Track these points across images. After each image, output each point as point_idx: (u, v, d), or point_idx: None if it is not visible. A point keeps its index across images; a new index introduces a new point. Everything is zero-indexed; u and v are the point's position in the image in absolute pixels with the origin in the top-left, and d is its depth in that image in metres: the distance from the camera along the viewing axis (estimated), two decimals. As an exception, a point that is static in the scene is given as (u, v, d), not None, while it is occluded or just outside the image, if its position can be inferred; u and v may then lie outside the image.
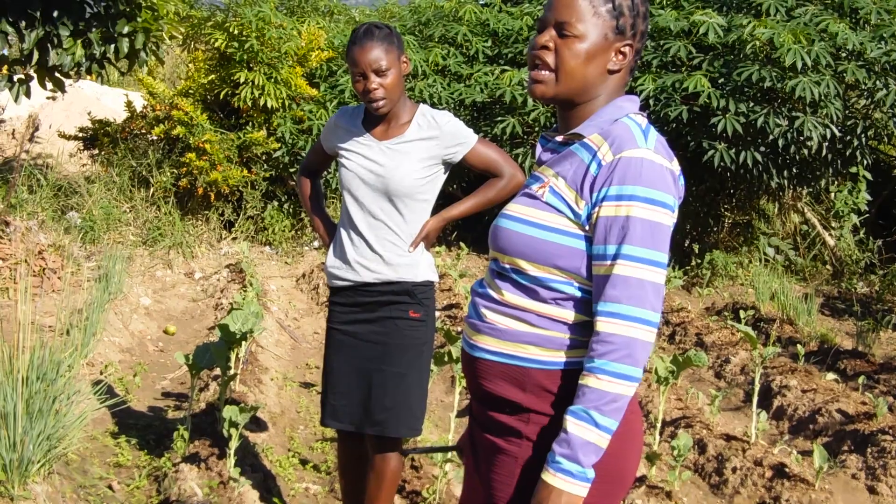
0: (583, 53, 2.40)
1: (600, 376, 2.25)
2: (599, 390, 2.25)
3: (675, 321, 9.00)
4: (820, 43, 9.92)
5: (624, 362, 2.25)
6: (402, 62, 3.94)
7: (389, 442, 4.05)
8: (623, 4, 2.40)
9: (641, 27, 2.43)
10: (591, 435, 2.25)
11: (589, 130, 2.40)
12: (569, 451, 2.26)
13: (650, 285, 2.27)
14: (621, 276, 2.26)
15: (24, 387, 4.43)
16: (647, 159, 2.29)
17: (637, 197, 2.27)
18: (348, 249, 4.00)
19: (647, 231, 2.27)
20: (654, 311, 2.27)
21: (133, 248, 10.17)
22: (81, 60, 8.16)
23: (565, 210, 2.36)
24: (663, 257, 2.30)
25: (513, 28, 11.94)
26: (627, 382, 2.25)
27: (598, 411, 2.25)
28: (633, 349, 2.25)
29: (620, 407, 2.27)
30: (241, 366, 6.56)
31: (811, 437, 6.47)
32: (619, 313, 2.25)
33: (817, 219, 12.37)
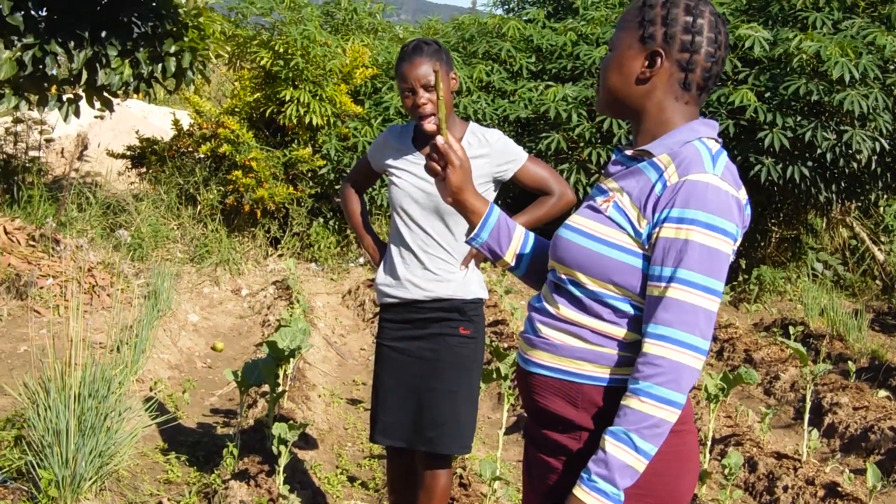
0: (610, 63, 2.48)
1: (644, 399, 2.24)
2: (641, 413, 2.23)
3: (723, 337, 8.94)
4: (867, 56, 9.84)
5: (669, 387, 2.23)
6: (451, 78, 3.94)
7: (439, 459, 4.04)
8: (656, 14, 2.41)
9: (683, 37, 2.39)
10: (628, 458, 2.24)
11: (658, 150, 2.39)
12: (605, 471, 2.24)
13: (703, 312, 2.25)
14: (674, 299, 2.25)
15: (77, 404, 4.47)
16: (713, 185, 2.27)
17: (698, 221, 2.25)
18: (399, 267, 4.01)
19: (705, 257, 2.25)
20: (703, 338, 2.25)
21: (181, 265, 10.24)
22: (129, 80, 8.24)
23: (627, 227, 2.35)
24: (719, 285, 2.27)
25: (556, 44, 11.93)
26: (670, 408, 2.24)
27: (638, 434, 2.23)
28: (680, 375, 2.24)
29: (662, 432, 2.25)
30: (288, 382, 6.58)
31: (863, 456, 6.39)
32: (669, 337, 2.24)
33: (866, 233, 12.25)
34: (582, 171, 10.64)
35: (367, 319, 9.49)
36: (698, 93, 2.44)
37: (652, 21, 2.41)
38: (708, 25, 2.40)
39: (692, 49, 2.39)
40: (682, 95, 2.43)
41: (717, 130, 2.45)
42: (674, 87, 2.43)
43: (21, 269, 7.91)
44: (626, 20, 2.47)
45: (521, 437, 6.52)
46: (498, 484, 5.02)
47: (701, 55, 2.40)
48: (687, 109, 2.44)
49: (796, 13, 10.94)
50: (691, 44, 2.39)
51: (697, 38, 2.39)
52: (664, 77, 2.42)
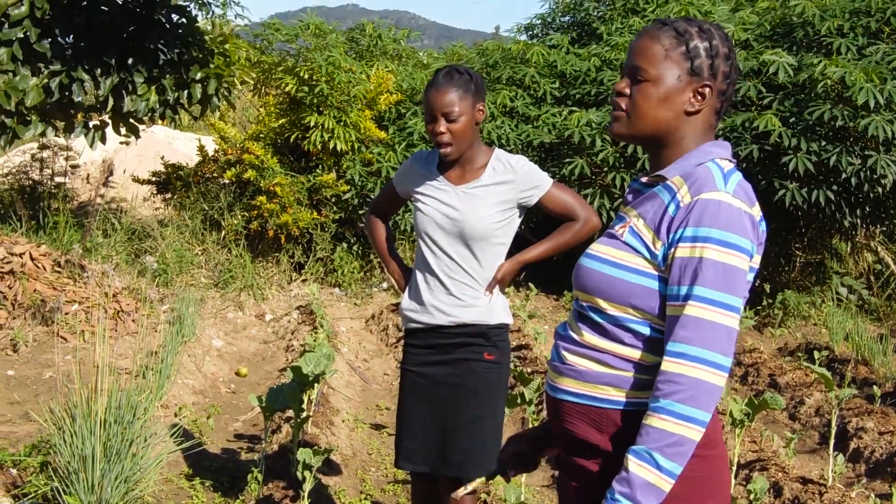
0: (654, 96, 2.44)
1: (664, 416, 2.24)
2: (663, 430, 2.24)
3: (747, 362, 8.90)
4: (892, 81, 9.81)
5: (689, 404, 2.23)
6: (478, 110, 3.94)
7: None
8: (699, 46, 2.42)
9: (724, 67, 2.42)
10: (651, 476, 2.24)
11: (672, 173, 2.42)
12: (628, 490, 2.25)
13: (721, 328, 2.25)
14: (692, 317, 2.25)
15: (102, 430, 4.49)
16: (725, 202, 2.29)
17: (712, 239, 2.26)
18: (424, 292, 4.02)
19: (721, 273, 2.26)
20: (723, 354, 2.25)
21: (205, 291, 10.28)
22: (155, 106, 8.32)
23: (642, 250, 2.38)
24: (736, 301, 2.28)
25: (580, 69, 11.95)
26: (692, 425, 2.23)
27: (660, 453, 2.23)
28: (699, 391, 2.23)
29: (685, 451, 2.25)
30: (313, 408, 6.59)
31: (889, 480, 6.34)
32: (688, 354, 2.24)
33: (891, 257, 12.19)
34: (605, 195, 10.64)
35: (391, 344, 9.49)
36: (717, 117, 2.49)
37: (696, 53, 2.42)
38: (729, 51, 2.45)
39: (730, 79, 2.44)
40: (714, 125, 2.47)
41: (730, 151, 2.47)
42: (712, 116, 2.47)
43: (47, 294, 7.96)
44: (662, 49, 2.43)
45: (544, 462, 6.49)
46: (522, 510, 5.01)
47: (732, 83, 2.45)
48: (703, 133, 2.47)
49: (821, 39, 10.93)
50: (730, 73, 2.44)
51: (732, 68, 2.44)
52: (710, 108, 2.46)
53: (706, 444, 2.38)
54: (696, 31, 2.43)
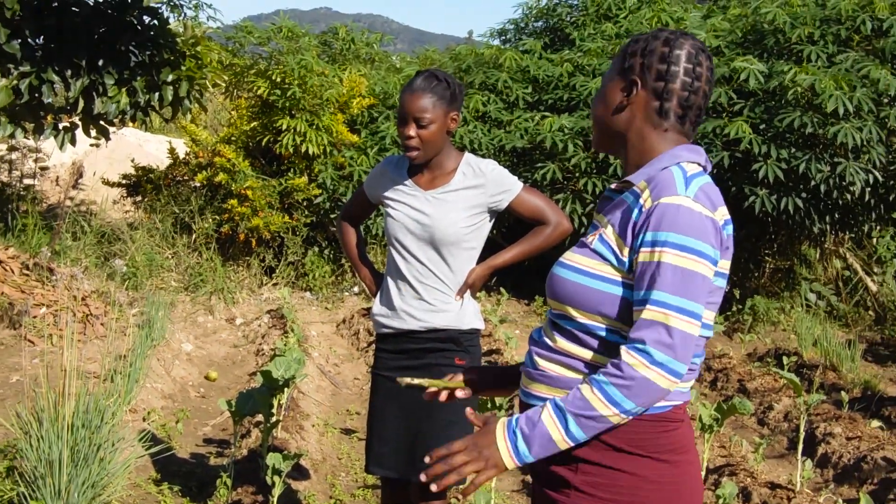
0: (596, 96, 2.61)
1: (595, 391, 2.27)
2: (588, 402, 2.27)
3: (717, 367, 8.93)
4: (862, 89, 9.88)
5: (625, 394, 2.25)
6: (451, 118, 3.93)
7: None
8: (637, 47, 2.52)
9: (658, 66, 2.47)
10: (556, 434, 2.29)
11: (638, 178, 2.45)
12: (529, 433, 2.32)
13: (677, 332, 2.26)
14: (649, 319, 2.27)
15: (70, 434, 4.45)
16: (685, 206, 2.30)
17: (669, 243, 2.28)
18: (395, 297, 4.01)
19: (678, 278, 2.27)
20: (676, 359, 2.26)
21: (175, 294, 10.23)
22: (126, 108, 8.27)
23: (610, 257, 2.40)
24: (695, 307, 2.29)
25: (553, 74, 11.97)
26: (618, 412, 2.26)
27: (575, 419, 2.28)
28: (642, 389, 2.25)
29: (598, 427, 2.29)
30: (282, 412, 6.57)
31: (856, 486, 6.38)
32: (644, 351, 2.25)
33: (859, 264, 12.27)
34: (578, 201, 10.66)
35: (362, 349, 9.48)
36: (678, 121, 2.50)
37: (633, 53, 2.52)
38: (686, 57, 2.47)
39: (667, 78, 2.47)
40: (659, 123, 2.50)
41: (703, 156, 2.49)
42: (651, 115, 2.50)
43: (14, 297, 7.90)
44: (615, 57, 2.58)
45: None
46: (492, 515, 5.01)
47: (676, 84, 2.47)
48: (668, 137, 2.50)
49: (791, 46, 11.00)
50: (666, 73, 2.47)
51: (673, 68, 2.47)
52: (641, 105, 2.51)
53: (677, 449, 2.40)
54: (650, 38, 2.52)
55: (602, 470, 2.38)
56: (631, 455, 2.37)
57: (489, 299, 11.22)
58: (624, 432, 2.36)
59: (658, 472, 2.37)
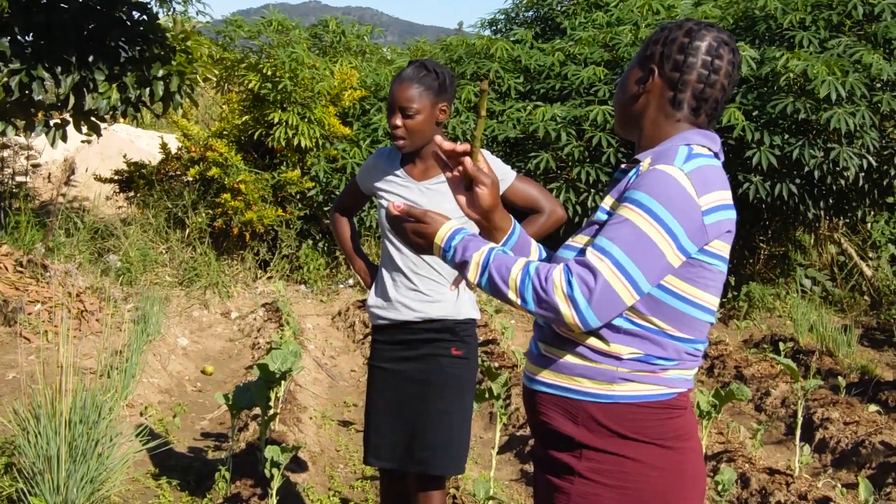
0: (621, 81, 2.61)
1: (518, 277, 2.31)
2: (508, 276, 2.32)
3: (713, 354, 8.94)
4: (854, 74, 9.88)
5: (533, 298, 2.28)
6: (440, 109, 3.90)
7: (433, 480, 4.02)
8: (660, 36, 2.52)
9: (676, 56, 2.46)
10: (471, 274, 2.41)
11: (645, 156, 2.43)
12: (456, 256, 2.43)
13: (603, 282, 2.24)
14: (584, 259, 2.27)
15: (67, 430, 4.44)
16: (672, 176, 2.30)
17: (641, 203, 2.28)
18: (390, 289, 4.00)
19: (633, 237, 2.26)
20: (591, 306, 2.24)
21: (170, 289, 10.22)
22: (117, 104, 8.24)
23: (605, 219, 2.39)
24: (635, 270, 2.26)
25: (544, 64, 11.96)
26: (516, 299, 2.31)
27: (489, 277, 2.36)
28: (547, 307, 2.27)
29: (498, 295, 2.36)
30: (280, 405, 6.56)
31: (855, 470, 6.39)
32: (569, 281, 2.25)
33: (854, 249, 12.28)
34: (571, 189, 10.66)
35: (358, 341, 9.47)
36: (692, 113, 2.48)
37: (655, 41, 2.51)
38: (706, 49, 2.46)
39: (683, 69, 2.45)
40: (672, 114, 2.48)
41: (717, 143, 2.49)
42: (664, 105, 2.49)
43: (9, 295, 7.88)
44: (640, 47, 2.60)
45: (513, 456, 6.50)
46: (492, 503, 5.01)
47: (692, 76, 2.45)
48: (680, 128, 2.49)
49: (783, 32, 10.98)
50: (683, 63, 2.45)
51: (691, 59, 2.45)
52: (656, 93, 2.50)
53: (680, 436, 2.40)
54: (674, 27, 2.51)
55: (606, 456, 2.37)
56: (635, 442, 2.37)
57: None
58: (628, 419, 2.36)
59: (662, 458, 2.37)
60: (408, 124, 3.85)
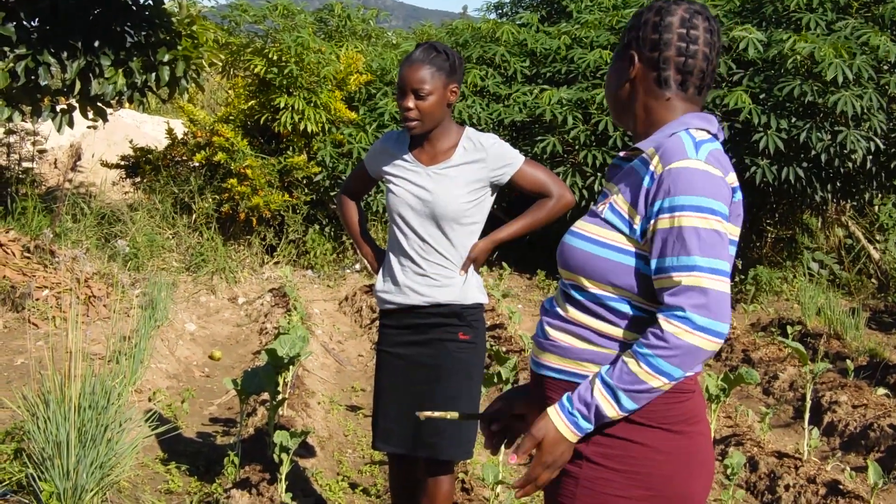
0: (608, 72, 2.64)
1: (642, 365, 2.27)
2: (636, 376, 2.27)
3: (720, 338, 8.92)
4: (861, 56, 9.84)
5: (672, 363, 2.25)
6: (450, 91, 3.90)
7: (442, 465, 4.03)
8: (633, 21, 2.54)
9: (651, 36, 2.47)
10: (611, 411, 2.31)
11: (647, 145, 2.44)
12: (586, 412, 2.33)
13: (712, 293, 2.25)
14: (681, 285, 2.26)
15: (77, 415, 4.45)
16: (698, 169, 2.31)
17: (687, 206, 2.28)
18: (398, 273, 4.00)
19: (703, 239, 2.27)
20: (717, 320, 2.25)
21: (177, 275, 10.22)
22: (123, 89, 8.24)
23: (622, 226, 2.39)
24: (722, 264, 2.28)
25: (550, 47, 11.94)
26: (665, 380, 2.27)
27: (626, 395, 2.29)
28: (687, 354, 2.25)
29: (649, 397, 2.31)
30: (288, 390, 6.57)
31: (863, 453, 6.39)
32: (685, 318, 2.24)
33: (861, 232, 12.26)
34: (578, 173, 10.65)
35: (365, 326, 9.47)
36: (680, 88, 2.49)
37: (630, 28, 2.53)
38: (679, 22, 2.47)
39: (661, 47, 2.46)
40: (661, 94, 2.50)
41: (714, 124, 2.49)
42: (651, 86, 2.50)
43: (16, 281, 7.89)
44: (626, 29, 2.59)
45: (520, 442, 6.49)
46: (500, 488, 5.01)
47: (671, 51, 2.46)
48: (673, 106, 2.50)
49: (790, 14, 10.94)
50: (659, 41, 2.46)
51: (665, 36, 2.46)
52: (641, 77, 2.51)
53: (688, 420, 2.40)
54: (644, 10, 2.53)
55: (614, 441, 2.37)
56: (643, 426, 2.36)
57: (491, 274, 11.21)
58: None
59: (670, 443, 2.37)
60: (421, 106, 3.84)
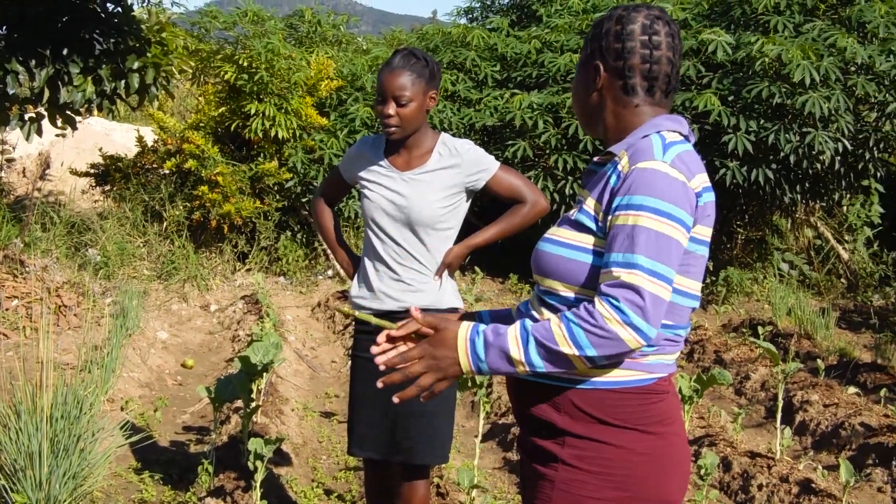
0: (573, 84, 2.64)
1: (563, 327, 2.28)
2: (552, 334, 2.28)
3: (693, 339, 8.98)
4: (829, 58, 9.92)
5: (590, 339, 2.25)
6: (430, 97, 3.92)
7: (417, 470, 4.04)
8: (594, 32, 2.55)
9: (615, 45, 2.49)
10: (515, 352, 2.31)
11: (619, 148, 2.45)
12: (492, 340, 2.33)
13: (649, 295, 2.26)
14: (620, 280, 2.27)
15: (49, 426, 4.43)
16: (660, 171, 2.32)
17: (645, 207, 2.29)
18: (373, 279, 4.00)
19: (652, 241, 2.27)
20: (647, 321, 2.25)
21: (148, 283, 10.18)
22: (92, 97, 8.19)
23: (591, 225, 2.42)
24: (666, 269, 2.29)
25: (521, 52, 11.96)
26: (577, 353, 2.26)
27: (536, 345, 2.29)
28: (609, 343, 2.25)
29: (557, 361, 2.29)
30: (261, 397, 6.55)
31: (835, 452, 6.43)
32: (618, 308, 2.25)
33: (831, 233, 12.35)
34: (549, 177, 10.67)
35: (338, 332, 9.46)
36: (647, 94, 2.51)
37: (592, 38, 2.55)
38: (640, 29, 2.48)
39: (625, 56, 2.48)
40: (629, 101, 2.52)
41: (685, 126, 2.51)
42: (618, 95, 2.52)
43: (-13, 290, 7.83)
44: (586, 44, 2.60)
45: (496, 444, 6.51)
46: (476, 492, 5.02)
47: (635, 59, 2.48)
48: (642, 112, 2.52)
49: (758, 17, 11.02)
50: (623, 50, 2.48)
51: (629, 44, 2.48)
52: (608, 87, 2.53)
53: (663, 421, 2.41)
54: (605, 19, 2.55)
55: (589, 443, 2.38)
56: (617, 428, 2.37)
57: (464, 279, 11.22)
58: (609, 405, 2.37)
59: (645, 444, 2.38)
60: (401, 113, 3.85)
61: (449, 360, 2.38)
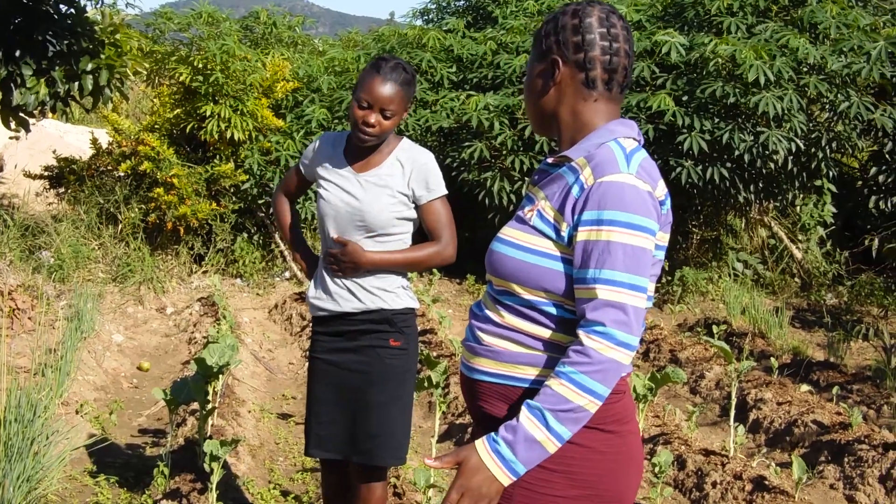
0: (525, 87, 2.63)
1: (565, 383, 2.28)
2: (561, 396, 2.28)
3: (648, 339, 9.03)
4: (781, 58, 10.02)
5: (594, 378, 2.27)
6: (406, 112, 3.95)
7: (375, 470, 4.05)
8: (548, 28, 2.55)
9: (574, 39, 2.50)
10: (538, 434, 2.29)
11: (576, 154, 2.46)
12: (512, 437, 2.30)
13: (630, 309, 2.30)
14: (603, 300, 2.29)
15: (2, 429, 4.39)
16: (628, 184, 2.34)
17: (618, 222, 2.31)
18: (328, 280, 4.00)
19: (629, 256, 2.30)
20: (632, 334, 2.30)
21: (103, 286, 10.10)
22: (45, 99, 8.13)
23: (550, 233, 2.42)
24: (642, 281, 2.33)
25: (477, 53, 11.99)
26: (592, 398, 2.28)
27: (553, 415, 2.28)
28: (609, 370, 2.28)
29: (578, 418, 2.30)
30: (218, 399, 6.53)
31: (788, 449, 6.50)
32: (602, 332, 2.28)
33: (784, 232, 12.46)
34: (505, 178, 10.70)
35: (295, 333, 9.44)
36: (606, 89, 2.52)
37: (547, 34, 2.54)
38: (598, 22, 2.50)
39: (585, 48, 2.49)
40: (588, 95, 2.52)
41: (636, 130, 2.53)
42: (579, 88, 2.52)
43: (-61, 294, 7.76)
44: (532, 45, 2.61)
45: (453, 444, 6.53)
46: (432, 491, 5.03)
47: (596, 51, 2.49)
48: (600, 108, 2.52)
49: (711, 18, 11.11)
50: (583, 42, 2.49)
51: (588, 36, 2.49)
52: (567, 81, 2.53)
53: (621, 419, 2.44)
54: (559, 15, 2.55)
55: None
56: (579, 427, 2.39)
57: (421, 280, 11.23)
58: None
59: (604, 442, 2.41)
60: (383, 124, 3.86)
61: (487, 483, 2.33)
